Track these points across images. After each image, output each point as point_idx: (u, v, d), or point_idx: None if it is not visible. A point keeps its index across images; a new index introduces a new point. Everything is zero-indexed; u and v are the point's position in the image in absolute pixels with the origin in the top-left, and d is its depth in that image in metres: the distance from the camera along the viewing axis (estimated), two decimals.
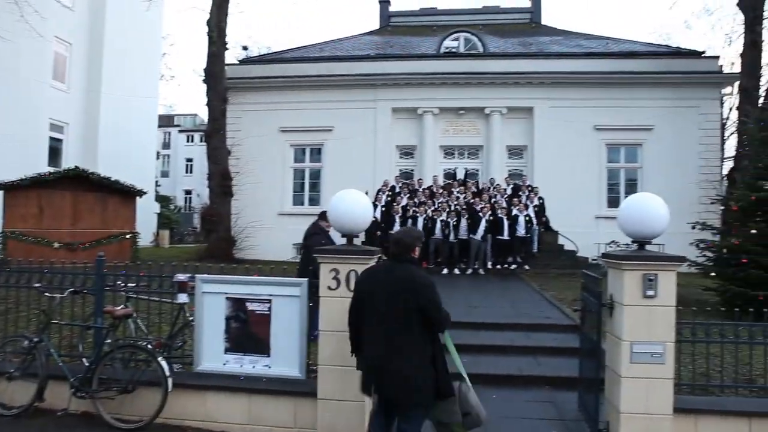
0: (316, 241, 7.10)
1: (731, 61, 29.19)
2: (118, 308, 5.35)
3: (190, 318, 5.47)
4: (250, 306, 5.11)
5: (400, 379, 3.56)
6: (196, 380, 5.18)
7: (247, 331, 5.12)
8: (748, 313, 5.44)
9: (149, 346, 5.06)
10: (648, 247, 4.87)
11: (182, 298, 5.41)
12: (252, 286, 5.13)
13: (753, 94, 15.45)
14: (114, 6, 23.00)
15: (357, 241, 5.12)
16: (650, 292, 4.53)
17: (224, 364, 5.18)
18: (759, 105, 14.40)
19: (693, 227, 11.25)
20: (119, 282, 5.62)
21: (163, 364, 4.94)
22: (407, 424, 3.63)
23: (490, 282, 12.96)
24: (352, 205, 4.87)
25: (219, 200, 16.95)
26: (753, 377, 5.85)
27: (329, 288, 4.79)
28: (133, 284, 5.62)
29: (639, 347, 4.56)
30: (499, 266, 14.72)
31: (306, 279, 5.07)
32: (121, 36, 23.23)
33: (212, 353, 5.18)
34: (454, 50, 20.24)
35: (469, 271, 14.40)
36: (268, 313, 5.08)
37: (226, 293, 5.14)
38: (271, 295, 5.09)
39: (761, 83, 16.03)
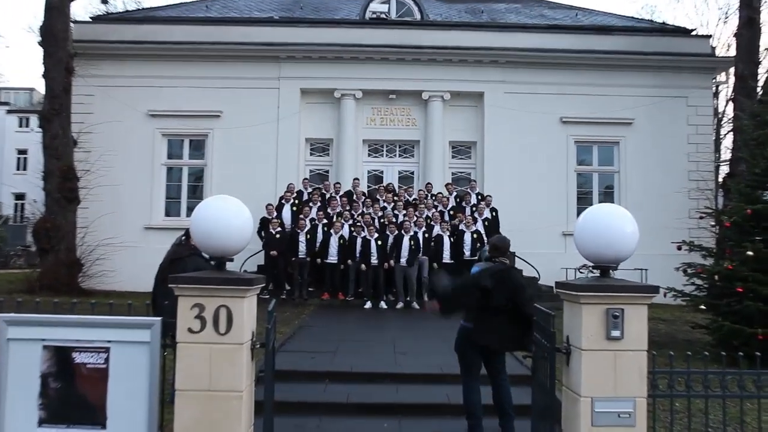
0: (191, 266, 6.75)
1: (727, 43, 31.18)
2: None
3: None
4: (79, 357, 4.77)
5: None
6: None
7: (74, 393, 4.77)
8: (752, 358, 5.59)
9: None
10: (616, 274, 4.96)
11: None
12: (82, 330, 4.78)
13: (749, 83, 16.38)
14: None
15: (232, 266, 4.94)
16: (615, 333, 4.57)
17: None
18: (757, 97, 15.26)
19: (679, 248, 11.70)
20: None
21: None
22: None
23: (425, 319, 12.97)
24: (226, 217, 4.68)
25: (59, 208, 16.24)
26: None
27: (190, 330, 4.57)
28: None
29: (602, 405, 4.59)
30: None
31: (159, 318, 4.81)
32: None
33: (19, 427, 4.81)
34: (383, 16, 20.38)
35: (400, 304, 14.42)
36: (104, 366, 4.76)
37: (43, 340, 4.78)
38: (109, 341, 4.77)
39: (759, 70, 16.98)
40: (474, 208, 15.91)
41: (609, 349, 4.61)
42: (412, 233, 14.48)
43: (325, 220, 15.14)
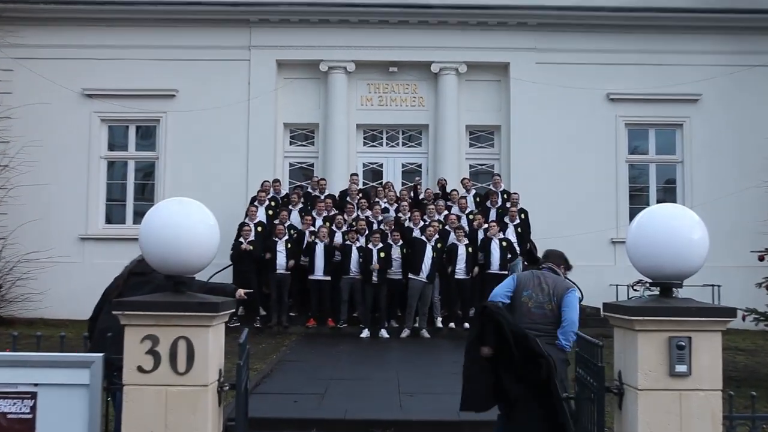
0: (153, 285, 6.71)
1: None
2: None
3: None
4: None
5: None
6: None
7: None
8: None
9: None
10: (681, 292, 4.96)
11: None
12: (1, 370, 4.82)
13: None
14: None
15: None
16: (681, 368, 4.57)
17: None
18: None
19: (761, 258, 11.69)
20: None
21: None
22: None
23: (438, 350, 13.08)
24: (186, 224, 4.69)
25: None
26: None
27: (140, 369, 4.57)
28: None
29: None
30: (453, 324, 14.86)
31: (100, 355, 4.82)
32: None
33: None
34: None
35: (406, 332, 14.48)
36: (29, 416, 4.78)
37: None
38: (36, 384, 4.80)
39: None
40: (501, 210, 15.92)
41: (673, 389, 4.60)
42: (433, 243, 14.53)
43: (312, 228, 15.16)
